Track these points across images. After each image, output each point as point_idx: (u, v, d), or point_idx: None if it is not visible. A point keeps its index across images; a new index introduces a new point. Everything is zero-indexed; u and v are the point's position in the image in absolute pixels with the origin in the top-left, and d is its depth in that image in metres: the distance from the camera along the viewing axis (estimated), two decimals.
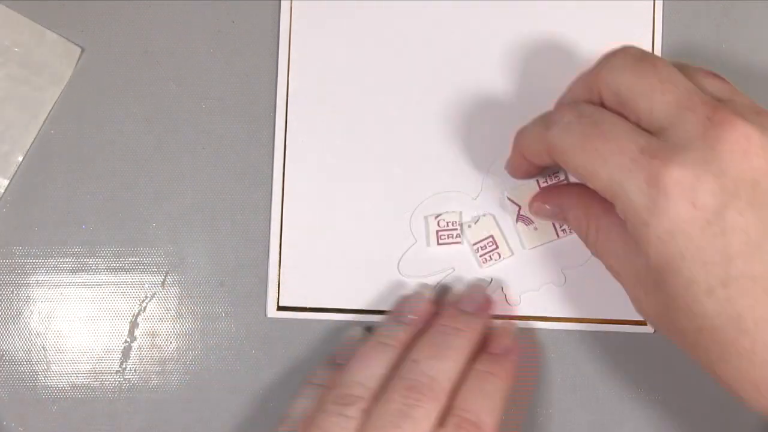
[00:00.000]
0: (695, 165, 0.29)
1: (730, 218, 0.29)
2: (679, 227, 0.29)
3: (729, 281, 0.29)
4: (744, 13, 0.42)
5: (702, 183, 0.29)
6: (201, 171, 0.42)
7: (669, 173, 0.29)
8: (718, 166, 0.29)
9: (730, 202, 0.29)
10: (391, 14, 0.42)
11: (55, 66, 0.41)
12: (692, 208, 0.29)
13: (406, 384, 0.36)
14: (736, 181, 0.29)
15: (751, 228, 0.29)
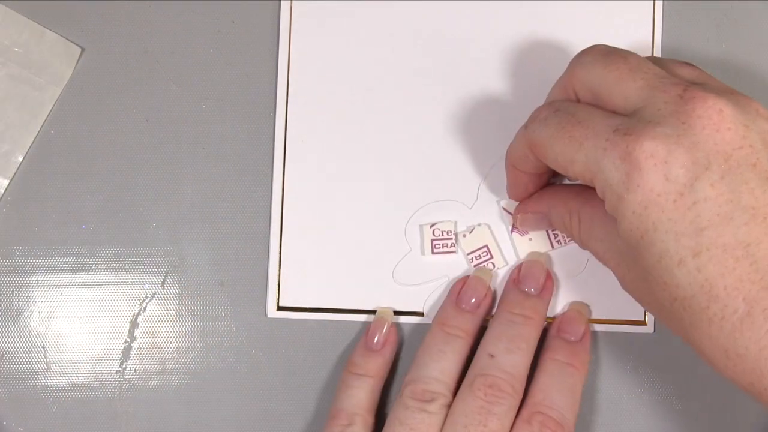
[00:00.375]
0: (667, 139, 0.30)
1: (702, 190, 0.30)
2: (652, 199, 0.30)
3: (700, 251, 0.30)
4: (744, 13, 0.42)
5: (674, 156, 0.30)
6: (201, 171, 0.42)
7: (641, 147, 0.30)
8: (691, 139, 0.30)
9: (702, 175, 0.30)
10: (391, 15, 0.42)
11: (55, 66, 0.41)
12: (665, 181, 0.30)
13: (487, 381, 0.37)
14: (708, 153, 0.30)
15: (722, 199, 0.29)
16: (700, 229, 0.30)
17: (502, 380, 0.37)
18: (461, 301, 0.40)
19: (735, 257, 0.29)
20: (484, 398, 0.36)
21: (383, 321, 0.40)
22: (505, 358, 0.37)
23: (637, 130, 0.30)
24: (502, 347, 0.38)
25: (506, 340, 0.38)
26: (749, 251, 0.29)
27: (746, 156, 0.30)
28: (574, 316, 0.40)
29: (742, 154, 0.30)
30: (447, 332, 0.39)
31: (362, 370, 0.39)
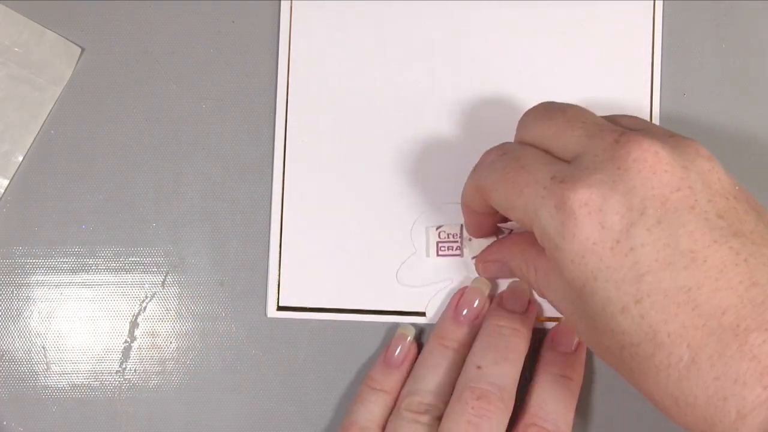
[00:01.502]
0: (602, 185, 0.30)
1: (639, 236, 0.29)
2: (589, 248, 0.30)
3: (641, 298, 0.29)
4: (744, 13, 0.42)
5: (609, 203, 0.29)
6: (201, 171, 0.42)
7: (576, 195, 0.30)
8: (626, 184, 0.29)
9: (638, 220, 0.29)
10: (391, 15, 0.42)
11: (55, 66, 0.41)
12: (600, 229, 0.29)
13: (476, 394, 0.36)
14: (644, 198, 0.29)
15: (660, 244, 0.29)
16: (639, 276, 0.29)
17: (490, 393, 0.36)
18: (459, 313, 0.40)
19: (677, 303, 0.29)
20: (472, 411, 0.36)
21: (404, 337, 0.40)
22: (493, 370, 0.37)
23: (573, 178, 0.30)
24: (489, 358, 0.37)
25: (494, 351, 0.38)
26: (691, 296, 0.28)
27: (684, 198, 0.29)
28: (567, 327, 0.40)
29: (679, 196, 0.29)
30: (444, 345, 0.39)
31: (380, 386, 0.39)
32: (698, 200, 0.29)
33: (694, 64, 0.42)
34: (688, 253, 0.29)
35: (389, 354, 0.40)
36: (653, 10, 0.42)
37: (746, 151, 0.42)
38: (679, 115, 0.42)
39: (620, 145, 0.30)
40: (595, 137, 0.31)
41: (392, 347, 0.40)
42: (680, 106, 0.42)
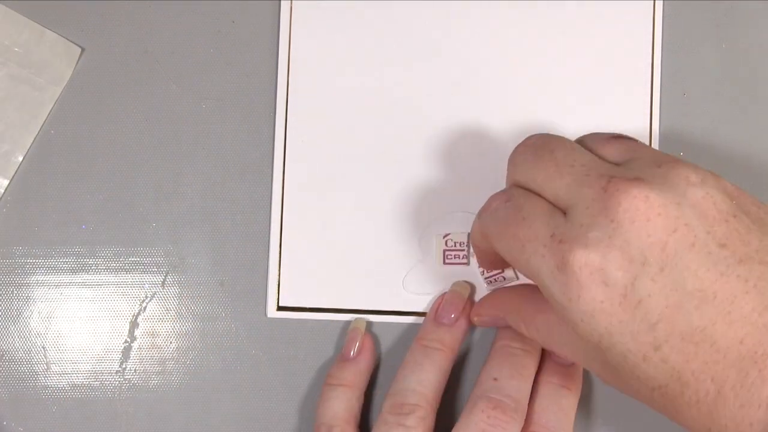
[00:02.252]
0: (598, 244, 0.29)
1: (644, 287, 0.29)
2: (597, 308, 0.30)
3: (659, 345, 0.29)
4: (744, 13, 0.42)
5: (609, 261, 0.29)
6: (201, 171, 0.42)
7: (575, 257, 0.30)
8: (622, 238, 0.29)
9: (640, 272, 0.29)
10: (391, 15, 0.42)
11: (55, 66, 0.41)
12: (605, 287, 0.29)
13: (492, 403, 0.37)
14: (643, 248, 0.29)
15: (668, 290, 0.29)
16: (653, 325, 0.29)
17: (506, 403, 0.37)
18: (440, 316, 0.40)
19: (694, 343, 0.29)
20: (487, 420, 0.36)
21: (357, 330, 0.40)
22: (509, 383, 0.37)
23: (570, 238, 0.30)
24: (505, 372, 0.38)
25: (509, 366, 0.38)
26: (707, 334, 0.29)
27: (682, 238, 0.29)
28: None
29: (677, 237, 0.29)
30: (425, 345, 0.39)
31: (338, 381, 0.39)
32: (697, 236, 0.29)
33: (694, 64, 0.42)
34: (697, 293, 0.29)
35: (345, 349, 0.40)
36: (653, 10, 0.42)
37: (746, 151, 0.42)
38: (679, 115, 0.42)
39: (609, 195, 0.30)
40: (584, 185, 0.31)
41: (347, 342, 0.40)
42: (680, 106, 0.42)
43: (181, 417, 0.41)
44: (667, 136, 0.42)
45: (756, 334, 0.28)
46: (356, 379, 0.39)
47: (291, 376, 0.41)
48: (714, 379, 0.29)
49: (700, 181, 0.30)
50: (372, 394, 0.41)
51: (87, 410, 0.41)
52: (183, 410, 0.41)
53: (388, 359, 0.41)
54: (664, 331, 0.29)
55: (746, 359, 0.28)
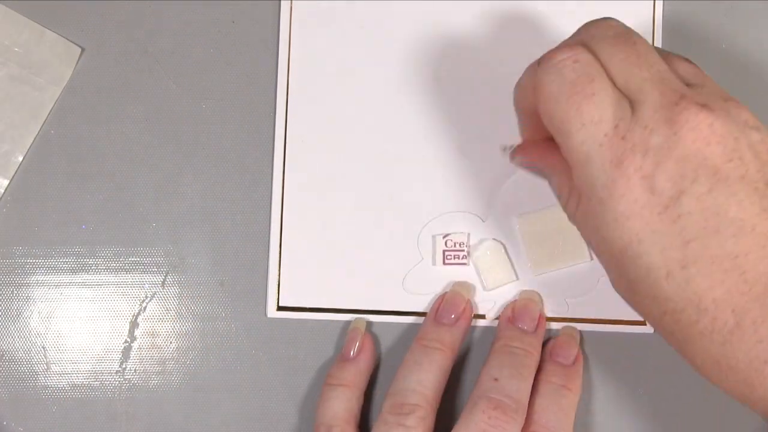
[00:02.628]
0: (658, 151, 0.30)
1: (687, 203, 0.30)
2: (636, 211, 0.30)
3: (687, 264, 0.30)
4: (744, 13, 0.42)
5: (662, 169, 0.30)
6: (201, 171, 0.42)
7: (630, 158, 0.30)
8: (680, 152, 0.30)
9: (688, 188, 0.30)
10: (391, 14, 0.42)
11: (55, 66, 0.41)
12: (650, 194, 0.30)
13: (492, 403, 0.37)
14: (696, 167, 0.30)
15: (709, 213, 0.29)
16: (686, 242, 0.29)
17: (506, 404, 0.37)
18: (440, 316, 0.40)
19: (723, 269, 0.29)
20: (488, 421, 0.36)
21: (357, 330, 0.40)
22: (509, 383, 0.37)
23: (632, 137, 0.30)
24: (505, 372, 0.38)
25: (509, 366, 0.38)
26: (737, 263, 0.29)
27: (735, 168, 0.30)
28: (567, 340, 0.40)
29: (731, 166, 0.30)
30: (424, 345, 0.39)
31: (337, 381, 0.39)
32: (748, 170, 0.30)
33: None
34: (737, 221, 0.29)
35: (344, 349, 0.40)
36: (653, 10, 0.42)
37: None
38: None
39: (679, 110, 0.30)
40: (657, 90, 0.31)
41: (347, 342, 0.40)
42: None
43: (181, 417, 0.41)
44: None
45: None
46: (356, 379, 0.39)
47: (291, 376, 0.41)
48: (735, 310, 0.29)
49: (758, 126, 0.31)
50: (372, 394, 0.41)
51: (87, 410, 0.41)
52: (183, 410, 0.41)
53: (388, 359, 0.41)
54: (695, 251, 0.29)
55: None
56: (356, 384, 0.39)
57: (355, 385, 0.39)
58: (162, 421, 0.41)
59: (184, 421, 0.41)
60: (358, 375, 0.40)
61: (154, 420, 0.41)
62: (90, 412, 0.41)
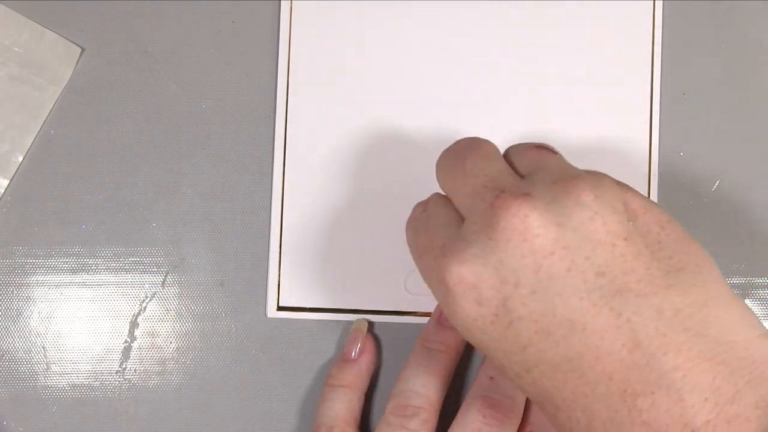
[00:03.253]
0: (474, 260, 0.29)
1: (515, 309, 0.28)
2: (471, 324, 0.29)
3: (530, 368, 0.29)
4: (744, 13, 0.42)
5: (482, 279, 0.29)
6: (201, 171, 0.42)
7: (450, 273, 0.29)
8: (497, 257, 0.28)
9: (511, 294, 0.28)
10: (392, 14, 0.42)
11: (55, 66, 0.41)
12: (478, 305, 0.29)
13: (488, 402, 0.36)
14: (516, 269, 0.28)
15: (537, 315, 0.28)
16: (523, 348, 0.28)
17: (503, 402, 0.37)
18: (444, 318, 0.40)
19: (563, 372, 0.28)
20: (483, 420, 0.36)
21: (358, 331, 0.40)
22: (506, 382, 0.37)
23: (451, 252, 0.29)
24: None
25: None
26: (574, 365, 0.28)
27: (558, 261, 0.28)
28: None
29: (553, 260, 0.28)
30: (428, 347, 0.39)
31: (338, 382, 0.39)
32: (575, 260, 0.28)
33: (694, 64, 0.42)
34: (566, 323, 0.28)
35: (346, 350, 0.40)
36: (653, 10, 0.42)
37: (746, 151, 0.42)
38: (679, 115, 0.42)
39: (493, 211, 0.29)
40: (477, 198, 0.30)
41: (348, 343, 0.40)
42: (680, 106, 0.42)
43: (181, 417, 0.41)
44: (667, 136, 0.42)
45: (625, 372, 0.27)
46: (357, 380, 0.39)
47: (291, 376, 0.41)
48: (584, 410, 0.28)
49: (593, 199, 0.29)
50: (373, 395, 0.41)
51: (87, 410, 0.41)
52: (183, 410, 0.41)
53: (389, 360, 0.41)
54: (534, 355, 0.28)
55: (615, 396, 0.27)
56: (357, 385, 0.39)
57: (356, 386, 0.39)
58: (162, 421, 0.41)
59: (184, 421, 0.41)
60: (359, 376, 0.40)
61: (154, 420, 0.41)
62: (90, 412, 0.41)
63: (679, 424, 0.26)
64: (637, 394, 0.27)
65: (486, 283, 0.29)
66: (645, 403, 0.27)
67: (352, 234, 0.41)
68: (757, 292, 0.41)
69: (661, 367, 0.27)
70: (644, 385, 0.27)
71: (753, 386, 0.26)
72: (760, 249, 0.42)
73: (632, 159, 0.41)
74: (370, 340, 0.40)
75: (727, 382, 0.26)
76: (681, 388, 0.26)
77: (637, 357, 0.27)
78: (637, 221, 0.30)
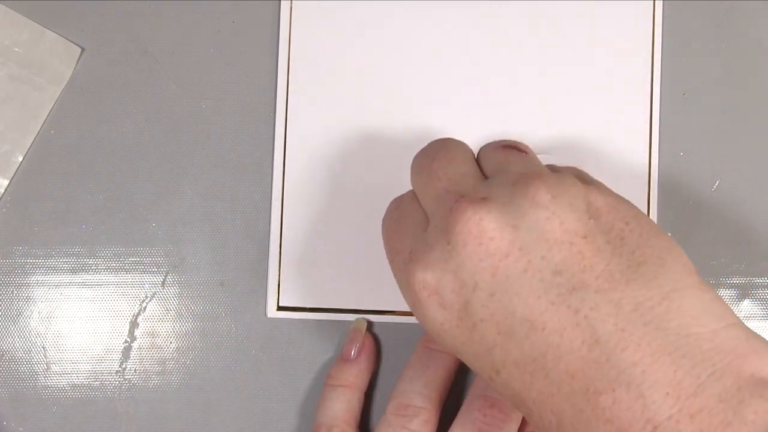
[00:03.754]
0: (435, 266, 0.29)
1: (476, 312, 0.28)
2: (438, 329, 0.29)
3: (499, 369, 0.29)
4: (744, 13, 0.42)
5: (443, 283, 0.29)
6: (201, 171, 0.42)
7: (415, 278, 0.30)
8: (456, 261, 0.29)
9: (471, 297, 0.28)
10: (391, 14, 0.42)
11: (55, 66, 0.41)
12: (442, 310, 0.29)
13: (489, 402, 0.36)
14: (473, 273, 0.28)
15: (498, 317, 0.28)
16: (489, 349, 0.29)
17: (504, 402, 0.36)
18: None
19: (529, 372, 0.28)
20: (484, 420, 0.36)
21: (358, 331, 0.40)
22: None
23: (416, 258, 0.30)
24: None
25: None
26: (538, 365, 0.28)
27: (514, 263, 0.28)
28: None
29: (509, 262, 0.28)
30: (430, 348, 0.39)
31: (338, 381, 0.39)
32: (531, 260, 0.28)
33: (694, 64, 0.42)
34: (526, 322, 0.28)
35: (345, 350, 0.40)
36: (653, 10, 0.42)
37: (746, 150, 0.42)
38: (679, 115, 0.42)
39: (451, 215, 0.29)
40: (439, 203, 0.31)
41: (347, 342, 0.40)
42: (680, 106, 0.42)
43: (181, 417, 0.41)
44: (667, 136, 0.42)
45: (586, 370, 0.27)
46: (357, 380, 0.39)
47: (291, 376, 0.41)
48: (553, 410, 0.28)
49: (550, 199, 0.29)
50: (372, 395, 0.41)
51: (87, 410, 0.41)
52: (183, 410, 0.41)
53: (388, 360, 0.41)
54: (500, 356, 0.28)
55: (579, 395, 0.27)
56: (357, 385, 0.39)
57: (355, 386, 0.39)
58: (162, 421, 0.41)
59: (184, 421, 0.41)
60: (359, 375, 0.40)
61: (154, 420, 0.41)
62: (90, 412, 0.41)
63: (641, 420, 0.26)
64: (600, 392, 0.27)
65: (447, 287, 0.29)
66: (607, 400, 0.26)
67: (352, 234, 0.41)
68: (757, 292, 0.41)
69: (621, 364, 0.26)
70: (605, 383, 0.27)
71: (717, 377, 0.26)
72: (759, 249, 0.42)
73: (632, 159, 0.41)
74: (369, 339, 0.40)
75: (689, 375, 0.26)
76: (641, 384, 0.26)
77: (596, 354, 0.27)
78: (600, 219, 0.29)
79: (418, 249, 0.30)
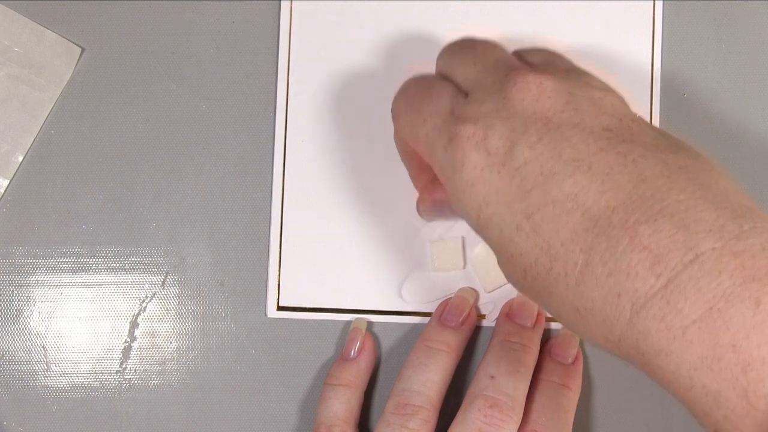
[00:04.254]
0: (487, 116, 0.30)
1: (521, 154, 0.29)
2: (477, 176, 0.30)
3: (532, 212, 0.29)
4: (744, 13, 0.42)
5: (492, 130, 0.30)
6: (201, 171, 0.42)
7: (463, 129, 0.30)
8: (508, 110, 0.30)
9: (519, 139, 0.29)
10: (391, 14, 0.42)
11: (55, 66, 0.41)
12: (486, 155, 0.30)
13: (489, 402, 0.37)
14: (526, 119, 0.30)
15: (543, 158, 0.29)
16: (527, 192, 0.29)
17: (503, 402, 0.37)
18: (445, 319, 0.40)
19: (566, 210, 0.28)
20: (484, 419, 0.36)
21: (357, 331, 0.40)
22: (507, 380, 0.37)
23: (464, 114, 0.31)
24: (502, 369, 0.38)
25: (506, 363, 0.38)
26: (578, 201, 0.28)
27: (568, 117, 0.29)
28: (566, 339, 0.40)
29: (564, 116, 0.29)
30: (429, 347, 0.39)
31: (338, 381, 0.39)
32: (584, 118, 0.29)
33: (694, 64, 0.42)
34: (572, 162, 0.28)
35: (345, 349, 0.40)
36: (653, 10, 0.42)
37: (746, 151, 0.42)
38: (679, 115, 0.42)
39: (507, 78, 0.31)
40: (490, 72, 0.32)
41: (347, 342, 0.40)
42: (680, 106, 0.42)
43: (181, 417, 0.41)
44: None
45: (628, 204, 0.27)
46: (356, 380, 0.39)
47: (291, 376, 0.41)
48: (582, 248, 0.28)
49: (603, 86, 0.31)
50: (372, 395, 0.41)
51: (87, 410, 0.41)
52: (183, 410, 0.41)
53: (388, 359, 0.41)
54: (537, 198, 0.29)
55: (617, 227, 0.27)
56: (356, 384, 0.39)
57: (355, 385, 0.39)
58: (162, 421, 0.41)
59: (184, 421, 0.41)
60: (359, 375, 0.40)
61: (154, 420, 0.41)
62: (90, 412, 0.41)
63: (682, 248, 0.26)
64: (641, 222, 0.27)
65: (495, 134, 0.30)
66: (647, 230, 0.27)
67: (351, 234, 0.41)
68: None
69: (665, 199, 0.27)
70: (648, 215, 0.27)
71: (759, 232, 0.26)
72: None
73: None
74: (369, 339, 0.40)
75: (732, 222, 0.26)
76: (685, 218, 0.26)
77: (642, 190, 0.27)
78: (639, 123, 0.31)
79: (461, 108, 0.31)
